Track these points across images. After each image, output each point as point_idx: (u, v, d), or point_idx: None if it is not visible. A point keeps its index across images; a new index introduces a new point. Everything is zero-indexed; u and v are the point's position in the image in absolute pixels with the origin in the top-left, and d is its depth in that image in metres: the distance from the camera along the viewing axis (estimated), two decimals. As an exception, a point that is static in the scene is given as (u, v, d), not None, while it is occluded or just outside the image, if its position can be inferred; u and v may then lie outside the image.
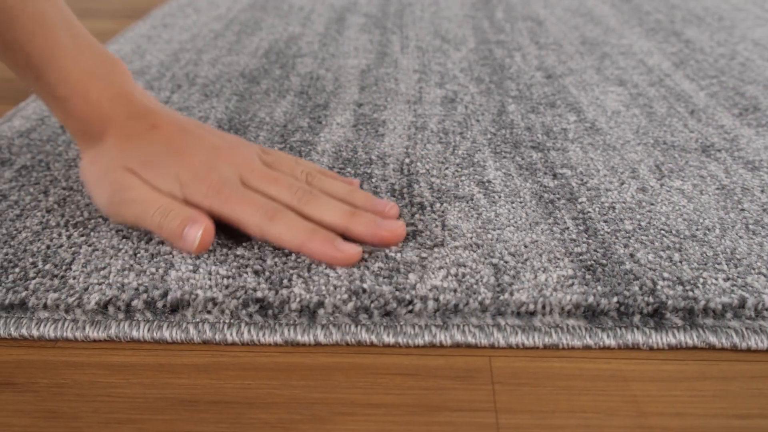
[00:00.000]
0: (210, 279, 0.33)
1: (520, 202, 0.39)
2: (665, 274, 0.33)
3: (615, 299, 0.31)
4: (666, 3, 0.85)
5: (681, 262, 0.34)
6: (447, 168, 0.43)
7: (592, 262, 0.34)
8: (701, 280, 0.32)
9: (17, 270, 0.34)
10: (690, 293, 0.31)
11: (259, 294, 0.31)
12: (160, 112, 0.38)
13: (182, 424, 0.27)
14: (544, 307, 0.31)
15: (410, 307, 0.31)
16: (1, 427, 0.26)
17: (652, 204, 0.39)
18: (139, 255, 0.34)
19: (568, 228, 0.37)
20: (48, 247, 0.35)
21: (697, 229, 0.37)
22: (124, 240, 0.36)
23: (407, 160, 0.45)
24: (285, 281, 0.32)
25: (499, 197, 0.40)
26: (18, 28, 0.34)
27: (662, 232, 0.36)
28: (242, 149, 0.38)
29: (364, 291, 0.32)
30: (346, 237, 0.34)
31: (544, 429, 0.26)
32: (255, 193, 0.35)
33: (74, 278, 0.33)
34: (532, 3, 0.86)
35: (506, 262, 0.34)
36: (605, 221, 0.37)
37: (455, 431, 0.26)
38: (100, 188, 0.36)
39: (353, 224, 0.34)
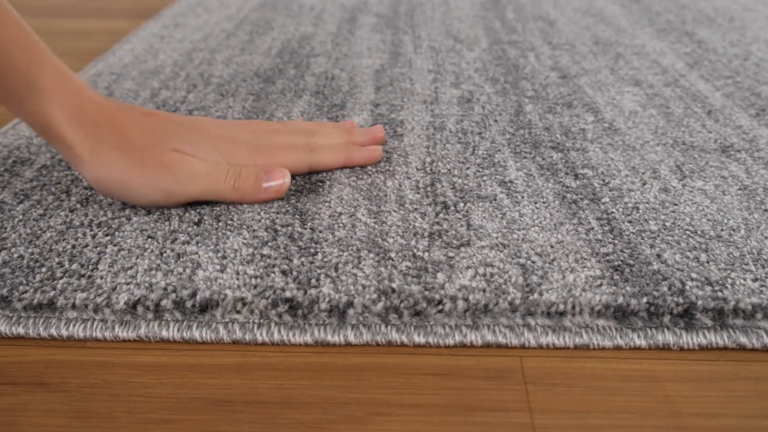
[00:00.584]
0: (238, 279, 0.32)
1: (543, 203, 0.39)
2: (693, 275, 0.33)
3: (645, 300, 0.31)
4: (676, 3, 0.85)
5: (708, 262, 0.34)
6: (468, 168, 0.43)
7: (619, 262, 0.34)
8: (729, 280, 0.32)
9: (44, 269, 0.34)
10: (719, 294, 0.31)
11: (287, 294, 0.31)
12: (137, 106, 0.40)
13: (217, 425, 0.27)
14: (573, 307, 0.31)
15: (440, 307, 0.31)
16: (35, 426, 0.26)
17: (676, 204, 0.39)
18: (165, 255, 0.34)
19: (593, 228, 0.37)
20: (73, 246, 0.35)
21: (722, 230, 0.37)
22: (149, 240, 0.36)
23: (428, 159, 0.44)
24: (313, 281, 0.32)
25: (522, 197, 0.40)
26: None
27: (687, 232, 0.36)
28: (243, 122, 0.43)
29: (393, 291, 0.32)
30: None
31: (580, 429, 0.26)
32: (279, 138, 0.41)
33: (101, 278, 0.33)
34: (542, 3, 0.86)
35: (533, 262, 0.34)
36: (630, 222, 0.37)
37: (491, 431, 0.26)
38: (150, 176, 0.36)
39: (354, 137, 0.44)
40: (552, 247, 0.35)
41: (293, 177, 0.41)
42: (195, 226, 0.37)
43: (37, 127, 0.36)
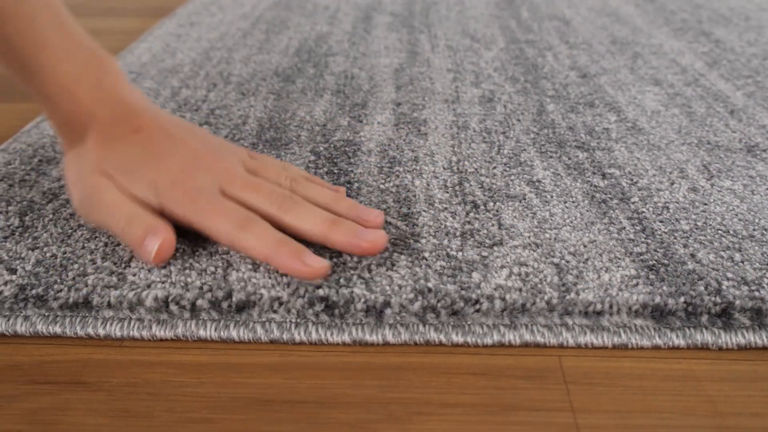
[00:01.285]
0: (271, 278, 0.32)
1: (573, 202, 0.39)
2: (729, 274, 0.33)
3: (682, 299, 0.31)
4: (690, 3, 0.85)
5: (743, 262, 0.34)
6: (495, 167, 0.43)
7: (654, 262, 0.34)
8: (766, 280, 0.32)
9: (76, 266, 0.34)
10: (756, 293, 0.31)
11: (322, 292, 0.31)
12: (146, 114, 0.37)
13: (259, 424, 0.27)
14: (611, 306, 0.31)
15: (477, 306, 0.31)
16: (77, 425, 0.26)
17: (705, 204, 0.39)
18: (197, 253, 0.34)
19: (625, 228, 0.37)
20: (105, 245, 0.35)
21: (754, 230, 0.37)
22: (180, 239, 0.36)
23: (454, 158, 0.44)
24: (344, 281, 0.32)
25: (551, 197, 0.40)
26: (9, 27, 0.34)
27: (719, 232, 0.36)
28: (226, 155, 0.37)
29: (430, 290, 0.32)
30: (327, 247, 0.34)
31: (622, 429, 0.26)
32: (231, 201, 0.34)
33: (134, 275, 0.33)
34: (556, 2, 0.86)
35: (567, 261, 0.34)
36: (661, 221, 0.37)
37: (535, 431, 0.26)
38: (76, 188, 0.36)
39: (333, 233, 0.33)
40: (585, 246, 0.35)
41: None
42: (226, 225, 0.37)
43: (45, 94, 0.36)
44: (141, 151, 0.36)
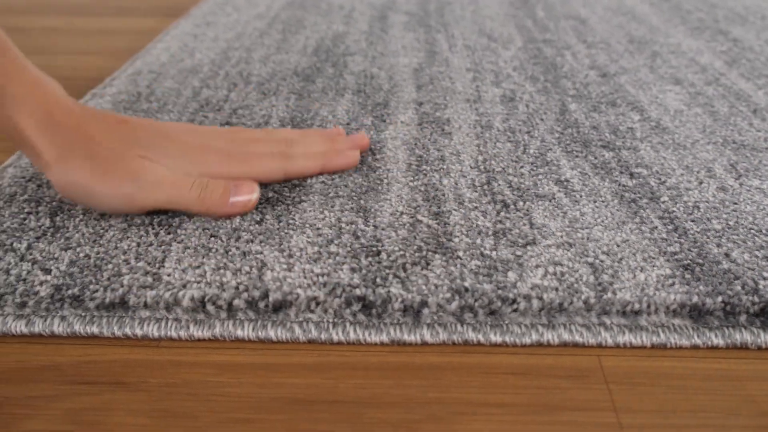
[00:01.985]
0: (306, 278, 0.32)
1: (603, 201, 0.39)
2: (765, 274, 0.33)
3: (719, 299, 0.31)
4: (705, 1, 0.85)
5: (778, 261, 0.34)
6: (522, 167, 0.43)
7: (689, 261, 0.34)
8: (802, 279, 0.32)
9: (110, 267, 0.33)
10: (794, 293, 0.31)
11: (359, 292, 0.31)
12: (111, 112, 0.39)
13: (301, 424, 0.26)
14: (649, 306, 0.31)
15: (515, 306, 0.31)
16: (120, 426, 0.26)
17: (735, 203, 0.39)
18: (230, 253, 0.34)
19: (657, 227, 0.37)
20: (138, 245, 0.35)
21: (787, 229, 0.36)
22: (212, 239, 0.36)
23: (480, 158, 0.44)
24: (380, 280, 0.32)
25: (581, 196, 0.40)
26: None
27: (752, 231, 0.36)
28: (220, 129, 0.42)
29: (467, 290, 0.31)
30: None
31: (667, 428, 0.26)
32: (253, 146, 0.39)
33: (169, 275, 0.33)
34: (571, 1, 0.86)
35: (602, 261, 0.34)
36: (692, 221, 0.37)
37: (579, 431, 0.26)
38: (113, 182, 0.35)
39: (336, 144, 0.43)
40: (618, 246, 0.35)
41: (265, 186, 0.40)
42: (257, 225, 0.37)
43: (5, 131, 0.35)
44: (151, 132, 0.38)
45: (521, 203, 0.39)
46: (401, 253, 0.34)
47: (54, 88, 0.37)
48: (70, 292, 0.32)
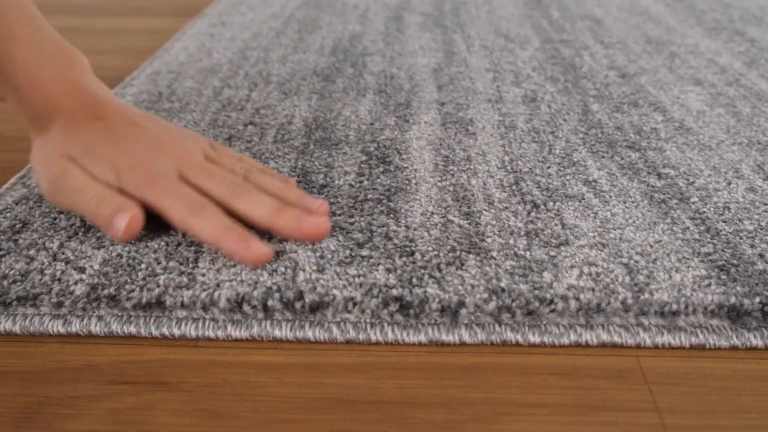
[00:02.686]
0: (341, 279, 0.32)
1: (632, 202, 0.39)
2: (801, 274, 0.33)
3: (757, 300, 0.31)
4: (719, 2, 0.85)
5: (813, 262, 0.34)
6: (549, 167, 0.43)
7: (723, 262, 0.34)
8: (838, 280, 0.32)
9: (144, 266, 0.33)
10: (831, 293, 0.31)
11: (396, 293, 0.31)
12: (110, 103, 0.39)
13: (346, 424, 0.26)
14: (687, 307, 0.31)
15: (552, 306, 0.31)
16: (164, 426, 0.26)
17: (766, 204, 0.39)
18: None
19: (689, 228, 0.37)
20: (167, 244, 0.35)
21: (819, 229, 0.36)
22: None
23: (507, 158, 0.44)
24: (416, 280, 0.32)
25: (610, 197, 0.40)
26: None
27: (784, 232, 0.36)
28: (186, 142, 0.39)
29: (503, 290, 0.31)
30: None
31: (710, 430, 0.26)
32: (187, 186, 0.36)
33: (203, 275, 0.33)
34: (585, 2, 0.86)
35: (636, 261, 0.34)
36: (724, 221, 0.37)
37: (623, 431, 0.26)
38: (43, 174, 0.37)
39: (279, 219, 0.35)
40: (651, 246, 0.35)
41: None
42: (288, 225, 0.37)
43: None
44: (104, 136, 0.37)
45: (551, 203, 0.39)
46: (435, 253, 0.34)
47: (80, 62, 0.39)
48: (106, 291, 0.32)
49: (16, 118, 0.39)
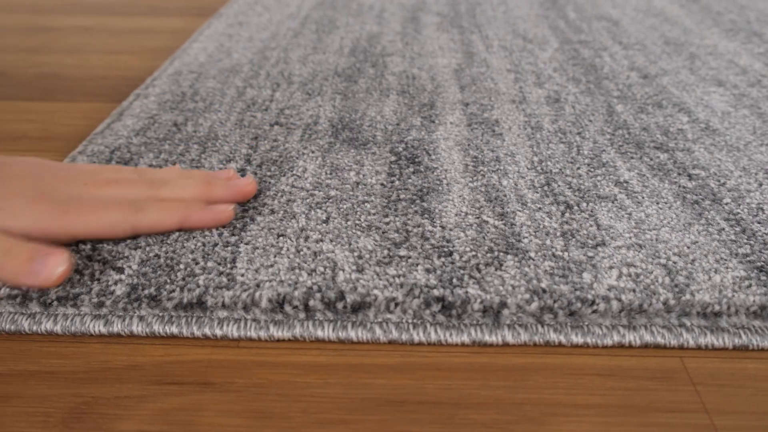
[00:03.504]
0: (381, 279, 0.32)
1: (665, 203, 0.39)
2: (840, 276, 0.33)
3: (799, 300, 0.31)
4: (734, 3, 0.85)
5: None
6: (579, 168, 0.43)
7: (762, 263, 0.34)
8: None
9: (182, 266, 0.33)
10: None
11: (437, 293, 0.31)
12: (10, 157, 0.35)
13: (396, 425, 0.26)
14: (729, 308, 0.31)
15: (594, 307, 0.31)
16: (212, 426, 0.26)
17: (798, 205, 0.39)
18: (302, 253, 0.34)
19: (724, 229, 0.37)
20: (203, 245, 0.35)
21: None
22: (281, 238, 0.36)
23: (536, 159, 0.44)
24: (456, 280, 0.32)
25: (643, 197, 0.40)
26: None
27: (820, 233, 0.36)
28: (67, 166, 0.36)
29: (544, 291, 0.31)
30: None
31: (761, 431, 0.26)
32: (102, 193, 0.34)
33: (242, 275, 0.33)
34: (600, 3, 0.86)
35: (674, 262, 0.34)
36: (759, 222, 0.37)
37: (674, 433, 0.26)
38: None
39: (212, 190, 0.36)
40: (688, 247, 0.35)
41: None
42: (324, 224, 0.37)
43: None
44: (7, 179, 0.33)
45: (584, 204, 0.39)
46: (473, 253, 0.34)
47: None
48: (146, 291, 0.32)
49: None
